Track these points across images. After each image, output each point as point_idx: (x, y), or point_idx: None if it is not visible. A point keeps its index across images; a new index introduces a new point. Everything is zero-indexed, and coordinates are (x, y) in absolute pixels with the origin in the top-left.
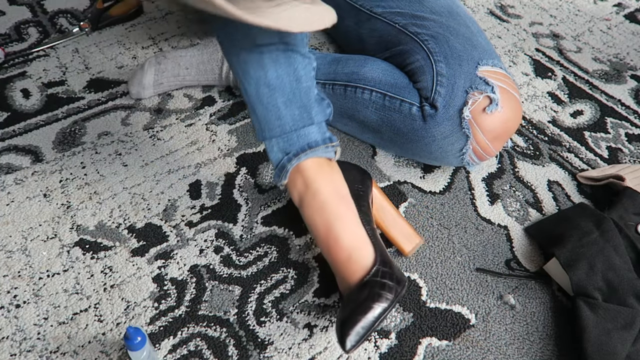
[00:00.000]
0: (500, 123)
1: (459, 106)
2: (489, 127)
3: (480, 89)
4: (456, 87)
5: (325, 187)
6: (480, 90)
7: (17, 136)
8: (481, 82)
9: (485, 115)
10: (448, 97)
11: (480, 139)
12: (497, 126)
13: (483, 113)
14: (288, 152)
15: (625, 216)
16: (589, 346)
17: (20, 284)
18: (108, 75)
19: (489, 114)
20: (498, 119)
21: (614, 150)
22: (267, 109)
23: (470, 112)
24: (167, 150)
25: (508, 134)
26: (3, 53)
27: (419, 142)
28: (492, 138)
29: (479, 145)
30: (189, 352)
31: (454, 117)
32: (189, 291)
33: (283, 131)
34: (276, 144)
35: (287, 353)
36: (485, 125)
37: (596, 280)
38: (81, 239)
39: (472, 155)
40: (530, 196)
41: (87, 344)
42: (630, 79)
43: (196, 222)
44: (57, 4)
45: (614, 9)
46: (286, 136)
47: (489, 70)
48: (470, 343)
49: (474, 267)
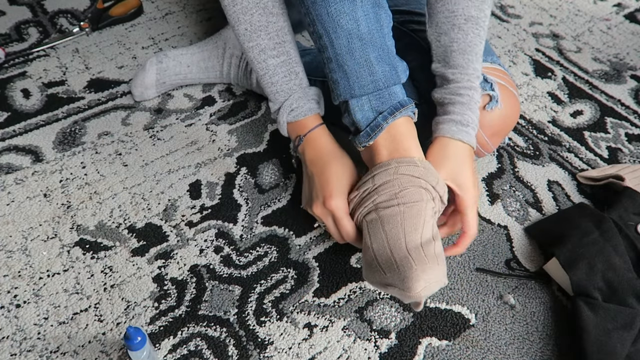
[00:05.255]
0: (499, 120)
1: None
2: (489, 123)
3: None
4: None
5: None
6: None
7: (17, 136)
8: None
9: (484, 113)
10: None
11: (479, 136)
12: (496, 123)
13: (482, 110)
14: (381, 110)
15: (625, 216)
16: (589, 346)
17: (20, 284)
18: (108, 75)
19: (488, 111)
20: (497, 115)
21: (613, 150)
22: (359, 64)
23: None
24: (167, 150)
25: (507, 130)
26: (3, 53)
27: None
28: (491, 134)
29: (477, 142)
30: (189, 352)
31: None
32: (189, 291)
33: (377, 87)
34: (367, 102)
35: (287, 353)
36: (484, 122)
37: (596, 280)
38: (81, 238)
39: None
40: (530, 196)
41: (87, 344)
42: (630, 79)
43: (196, 222)
44: (57, 4)
45: (614, 9)
46: (379, 93)
47: (487, 66)
48: (470, 343)
49: (474, 267)
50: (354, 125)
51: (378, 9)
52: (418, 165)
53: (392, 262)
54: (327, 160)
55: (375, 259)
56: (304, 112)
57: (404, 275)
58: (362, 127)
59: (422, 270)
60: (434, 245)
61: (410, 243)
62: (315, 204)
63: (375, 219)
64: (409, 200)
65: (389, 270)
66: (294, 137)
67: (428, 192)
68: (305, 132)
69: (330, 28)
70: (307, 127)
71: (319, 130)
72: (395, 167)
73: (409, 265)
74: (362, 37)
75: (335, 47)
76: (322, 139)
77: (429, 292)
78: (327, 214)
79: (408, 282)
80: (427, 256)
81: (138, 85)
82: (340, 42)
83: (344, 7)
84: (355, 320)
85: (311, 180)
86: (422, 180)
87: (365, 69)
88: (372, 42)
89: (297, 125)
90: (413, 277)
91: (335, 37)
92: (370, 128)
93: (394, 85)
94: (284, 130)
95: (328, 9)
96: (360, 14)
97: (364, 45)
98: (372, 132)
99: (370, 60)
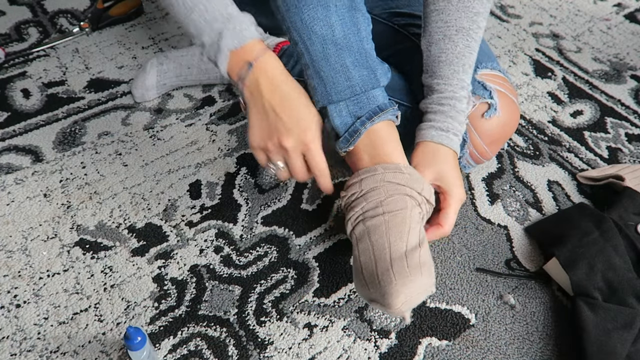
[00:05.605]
0: (498, 127)
1: None
2: (487, 132)
3: (478, 94)
4: None
5: (395, 149)
6: (478, 96)
7: (17, 136)
8: (479, 87)
9: (483, 121)
10: None
11: (477, 143)
12: (495, 131)
13: (481, 118)
14: (359, 115)
15: (625, 216)
16: (589, 346)
17: (20, 284)
18: (108, 75)
19: (487, 119)
20: (496, 123)
21: (613, 150)
22: (334, 70)
23: (468, 118)
24: (167, 150)
25: (505, 137)
26: (3, 53)
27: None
28: (490, 142)
29: (476, 150)
30: (189, 352)
31: None
32: (189, 291)
33: (354, 92)
34: (345, 108)
35: (287, 353)
36: (483, 130)
37: (596, 280)
38: (81, 238)
39: (468, 159)
40: (530, 196)
41: (87, 344)
42: (630, 79)
43: (196, 222)
44: (57, 4)
45: (614, 9)
46: (356, 98)
47: (488, 73)
48: (470, 343)
49: (474, 267)
50: (334, 131)
51: (354, 13)
52: (404, 172)
53: (375, 276)
54: (289, 89)
55: (361, 272)
56: (251, 34)
57: (384, 290)
58: (341, 132)
59: (402, 285)
60: (419, 253)
61: (395, 253)
62: (286, 138)
63: (363, 231)
64: (393, 209)
65: (372, 286)
66: (238, 68)
67: (413, 199)
68: (256, 57)
69: (305, 35)
70: (254, 51)
71: (270, 56)
72: (382, 174)
73: (389, 279)
74: (337, 43)
75: (311, 54)
76: (276, 65)
77: (409, 306)
78: (298, 149)
79: (388, 297)
80: (410, 267)
81: (139, 87)
82: (315, 48)
83: (318, 13)
84: (355, 320)
85: (268, 113)
86: (408, 187)
87: (341, 74)
88: (348, 47)
89: (243, 52)
90: (393, 292)
91: (310, 44)
92: (348, 133)
93: (373, 89)
94: (224, 64)
95: (302, 16)
96: (334, 19)
97: (340, 51)
98: (351, 137)
99: (346, 65)
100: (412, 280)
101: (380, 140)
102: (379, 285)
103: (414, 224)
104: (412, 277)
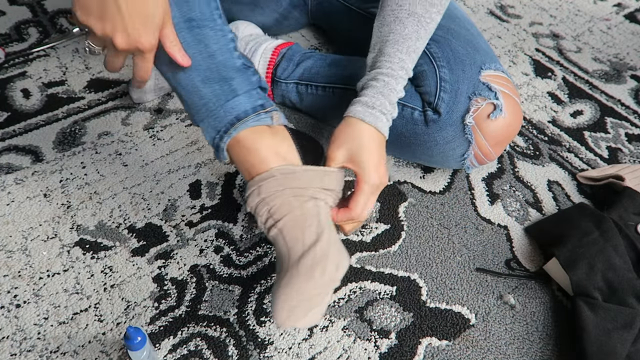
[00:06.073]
0: (503, 129)
1: (462, 112)
2: (492, 133)
3: (484, 95)
4: (459, 93)
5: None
6: (483, 97)
7: (17, 136)
8: (484, 88)
9: (488, 122)
10: (451, 103)
11: (482, 144)
12: (500, 132)
13: (486, 119)
14: (219, 129)
15: (625, 216)
16: (589, 346)
17: (20, 284)
18: (108, 75)
19: (492, 120)
20: (501, 124)
21: (613, 150)
22: (188, 92)
23: (474, 119)
24: (167, 150)
25: (509, 138)
26: (3, 53)
27: (421, 146)
28: (495, 143)
29: (480, 151)
30: (189, 352)
31: (456, 123)
32: (189, 291)
33: (209, 110)
34: (208, 125)
35: (287, 353)
36: (488, 131)
37: (596, 280)
38: (81, 238)
39: (472, 160)
40: (530, 196)
41: (87, 344)
42: (630, 79)
43: (196, 222)
44: (57, 4)
45: (614, 9)
46: (213, 114)
47: (491, 74)
48: (470, 343)
49: (474, 267)
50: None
51: (199, 30)
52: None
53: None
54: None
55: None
56: None
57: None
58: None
59: (284, 300)
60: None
61: (292, 258)
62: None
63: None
64: (287, 212)
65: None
66: None
67: (304, 197)
68: None
69: (161, 68)
70: None
71: None
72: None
73: (277, 295)
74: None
75: (172, 83)
76: None
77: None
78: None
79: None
80: (301, 269)
81: (136, 90)
82: (170, 75)
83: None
84: (355, 320)
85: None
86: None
87: (194, 94)
88: (196, 67)
89: None
90: (277, 309)
91: (166, 72)
92: (215, 150)
93: (228, 102)
94: None
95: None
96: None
97: (187, 72)
98: (218, 152)
99: (196, 85)
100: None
101: (246, 151)
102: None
103: (311, 219)
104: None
